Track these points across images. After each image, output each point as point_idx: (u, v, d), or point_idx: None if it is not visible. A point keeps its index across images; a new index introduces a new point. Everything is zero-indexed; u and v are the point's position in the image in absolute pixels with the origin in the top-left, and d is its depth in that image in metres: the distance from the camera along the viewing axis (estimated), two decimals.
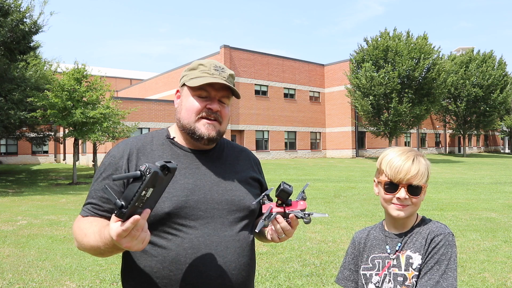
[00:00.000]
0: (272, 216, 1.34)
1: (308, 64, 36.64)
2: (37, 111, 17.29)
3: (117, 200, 1.00)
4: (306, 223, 1.34)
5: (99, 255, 1.29)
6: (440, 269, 1.32)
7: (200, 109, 1.40)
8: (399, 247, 1.43)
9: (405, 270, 1.38)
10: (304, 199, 1.37)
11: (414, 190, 1.39)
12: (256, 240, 1.56)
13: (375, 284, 1.45)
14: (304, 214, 1.34)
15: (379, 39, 31.42)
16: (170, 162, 1.06)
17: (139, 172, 1.01)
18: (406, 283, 1.37)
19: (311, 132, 36.48)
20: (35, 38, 20.40)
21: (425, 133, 45.52)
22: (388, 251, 1.45)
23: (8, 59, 16.78)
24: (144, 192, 1.00)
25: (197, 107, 1.40)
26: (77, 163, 19.22)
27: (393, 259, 1.42)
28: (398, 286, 1.38)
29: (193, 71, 1.43)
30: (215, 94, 1.41)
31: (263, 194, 1.40)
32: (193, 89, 1.41)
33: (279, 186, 1.34)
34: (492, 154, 50.27)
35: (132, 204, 1.00)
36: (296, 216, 1.34)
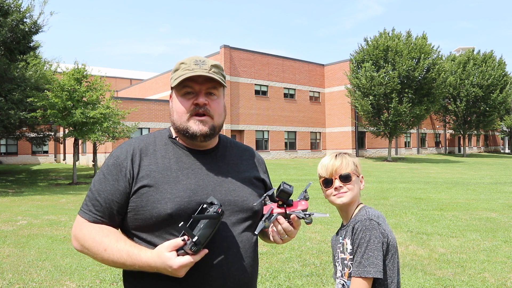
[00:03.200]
0: (272, 217, 1.33)
1: (308, 64, 36.63)
2: (37, 111, 17.28)
3: (196, 237, 1.16)
4: (308, 223, 1.34)
5: (112, 266, 1.33)
6: (361, 251, 1.53)
7: (188, 107, 1.39)
8: (344, 235, 1.67)
9: (345, 254, 1.63)
10: (306, 199, 1.36)
11: (345, 178, 1.67)
12: (259, 241, 1.55)
13: (337, 269, 1.71)
14: (305, 214, 1.33)
15: (379, 39, 31.42)
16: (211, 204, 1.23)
17: (215, 214, 1.17)
18: (348, 265, 1.62)
19: (311, 132, 36.47)
20: (35, 38, 20.42)
21: (425, 133, 45.51)
22: (340, 240, 1.70)
23: (8, 59, 16.77)
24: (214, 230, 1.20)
25: (184, 107, 1.39)
26: (77, 163, 19.22)
27: (340, 245, 1.68)
28: (345, 268, 1.63)
29: (176, 72, 1.42)
30: (199, 88, 1.40)
31: (265, 195, 1.39)
32: (177, 89, 1.41)
33: (279, 186, 1.33)
34: (492, 154, 50.27)
35: (207, 242, 1.19)
36: (297, 217, 1.33)
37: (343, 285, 1.62)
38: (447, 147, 49.69)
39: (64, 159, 35.55)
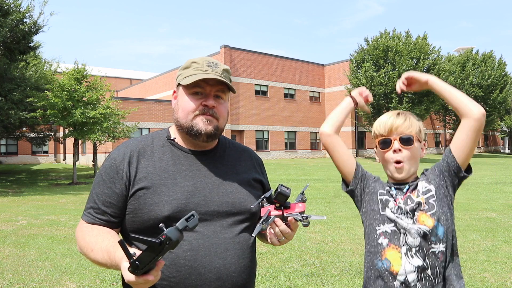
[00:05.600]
0: (270, 219, 1.33)
1: (308, 64, 36.63)
2: (37, 111, 17.28)
3: (134, 260, 1.01)
4: (305, 226, 1.33)
5: (102, 267, 1.30)
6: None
7: (196, 107, 1.39)
8: (406, 190, 1.52)
9: (417, 198, 1.48)
10: (303, 201, 1.36)
11: (406, 140, 1.50)
12: (257, 241, 1.54)
13: (391, 209, 1.51)
14: (302, 217, 1.32)
15: (379, 39, 31.44)
16: (192, 216, 1.04)
17: (158, 241, 0.98)
18: (421, 208, 1.47)
19: (311, 132, 36.48)
20: (35, 38, 20.40)
21: (425, 133, 45.33)
22: (394, 192, 1.54)
23: (8, 59, 16.78)
24: (159, 258, 1.02)
25: (192, 106, 1.39)
26: (77, 163, 19.22)
27: (405, 199, 1.50)
28: (416, 212, 1.46)
29: (187, 70, 1.42)
30: (210, 90, 1.40)
31: (262, 197, 1.39)
32: (187, 88, 1.40)
33: (277, 188, 1.33)
34: (492, 154, 50.26)
35: (147, 268, 1.02)
36: (294, 219, 1.33)
37: (417, 230, 1.44)
38: (447, 147, 49.65)
39: (64, 159, 35.55)
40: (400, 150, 1.49)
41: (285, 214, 1.33)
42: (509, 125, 51.18)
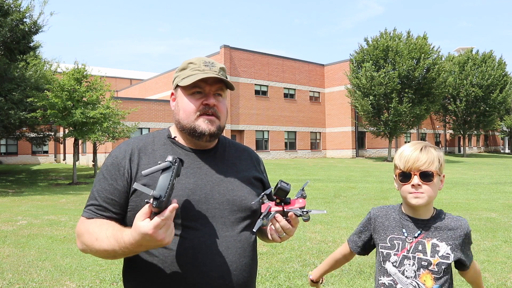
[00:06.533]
0: (270, 215, 1.33)
1: (308, 64, 36.63)
2: (37, 111, 17.27)
3: (154, 191, 1.08)
4: (305, 220, 1.34)
5: (110, 258, 1.29)
6: (471, 254, 1.61)
7: (197, 107, 1.40)
8: (418, 234, 1.55)
9: (430, 256, 1.51)
10: (304, 197, 1.37)
11: (426, 176, 1.50)
12: (258, 240, 1.55)
13: (392, 263, 1.56)
14: (302, 211, 1.33)
15: (379, 39, 31.44)
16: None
17: (168, 162, 1.12)
18: (429, 268, 1.50)
19: (311, 132, 36.49)
20: (35, 38, 20.42)
21: (425, 133, 45.51)
22: (405, 234, 1.56)
23: (8, 59, 16.78)
24: (174, 180, 1.12)
25: (194, 106, 1.40)
26: (77, 163, 19.22)
27: (415, 243, 1.54)
28: (422, 269, 1.50)
29: (184, 71, 1.42)
30: (209, 89, 1.41)
31: (263, 193, 1.39)
32: (186, 89, 1.41)
33: (277, 184, 1.34)
34: (492, 154, 50.25)
35: (168, 193, 1.10)
36: (295, 214, 1.33)
37: (415, 286, 1.51)
38: (447, 147, 49.69)
39: (64, 159, 35.55)
40: (419, 185, 1.51)
41: (285, 210, 1.34)
42: (509, 125, 51.19)
